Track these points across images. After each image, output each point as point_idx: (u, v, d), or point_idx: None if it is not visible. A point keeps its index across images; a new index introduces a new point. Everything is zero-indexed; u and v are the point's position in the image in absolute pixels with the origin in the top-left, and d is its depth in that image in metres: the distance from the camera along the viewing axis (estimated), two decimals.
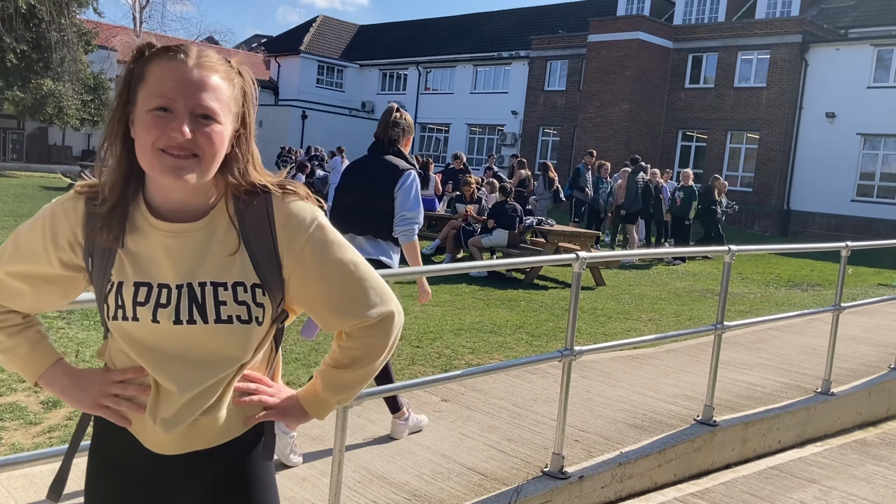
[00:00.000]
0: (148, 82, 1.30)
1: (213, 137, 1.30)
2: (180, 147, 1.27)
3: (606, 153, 27.14)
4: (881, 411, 6.06)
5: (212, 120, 1.30)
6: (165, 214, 1.37)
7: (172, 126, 1.27)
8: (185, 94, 1.28)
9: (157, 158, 1.28)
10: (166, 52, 1.31)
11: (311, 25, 46.08)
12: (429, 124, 39.61)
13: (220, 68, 1.33)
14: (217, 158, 1.33)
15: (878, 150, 24.88)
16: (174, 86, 1.28)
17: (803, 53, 25.90)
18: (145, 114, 1.29)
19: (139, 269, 1.37)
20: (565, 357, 3.70)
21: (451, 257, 11.38)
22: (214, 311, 1.36)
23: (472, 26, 41.51)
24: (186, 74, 1.29)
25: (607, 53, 28.68)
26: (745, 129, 27.37)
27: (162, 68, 1.29)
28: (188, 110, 1.28)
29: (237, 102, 1.36)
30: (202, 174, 1.32)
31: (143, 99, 1.30)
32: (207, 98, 1.29)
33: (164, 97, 1.28)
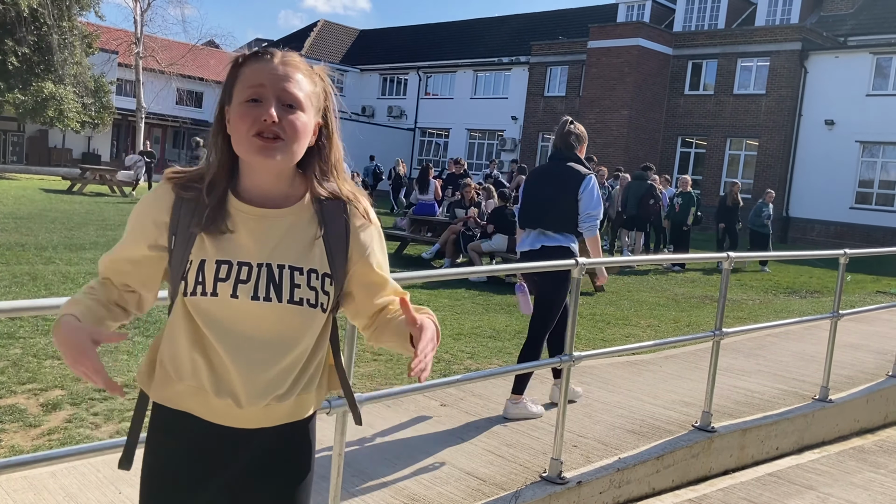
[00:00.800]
0: (241, 80, 1.49)
1: (296, 124, 1.47)
2: (269, 129, 1.45)
3: (606, 159, 27.16)
4: (879, 418, 6.07)
5: (296, 109, 1.47)
6: (253, 200, 1.53)
7: (262, 111, 1.44)
8: (273, 84, 1.47)
9: (250, 143, 1.46)
10: (255, 55, 1.51)
11: (311, 30, 46.20)
12: (429, 129, 39.68)
13: (302, 67, 1.52)
14: (301, 144, 1.50)
15: (876, 157, 24.94)
16: (263, 78, 1.47)
17: (803, 61, 25.98)
18: (239, 106, 1.47)
19: (221, 248, 1.50)
20: (564, 363, 3.71)
21: (450, 262, 11.40)
22: (289, 292, 1.51)
23: (473, 32, 41.60)
24: (274, 69, 1.48)
25: (607, 60, 28.75)
26: (744, 136, 27.44)
27: (252, 67, 1.49)
28: (275, 97, 1.46)
29: (319, 98, 1.54)
30: (288, 155, 1.48)
31: (237, 94, 1.49)
32: (292, 87, 1.48)
33: (254, 87, 1.46)
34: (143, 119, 28.66)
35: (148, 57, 28.61)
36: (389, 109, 40.89)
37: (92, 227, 12.75)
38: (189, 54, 29.76)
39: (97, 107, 27.29)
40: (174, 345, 1.54)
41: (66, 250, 9.95)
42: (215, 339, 1.50)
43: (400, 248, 12.98)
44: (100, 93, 27.61)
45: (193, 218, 1.50)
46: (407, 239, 13.03)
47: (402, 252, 12.90)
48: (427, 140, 39.90)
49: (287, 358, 1.53)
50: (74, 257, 9.43)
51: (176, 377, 1.53)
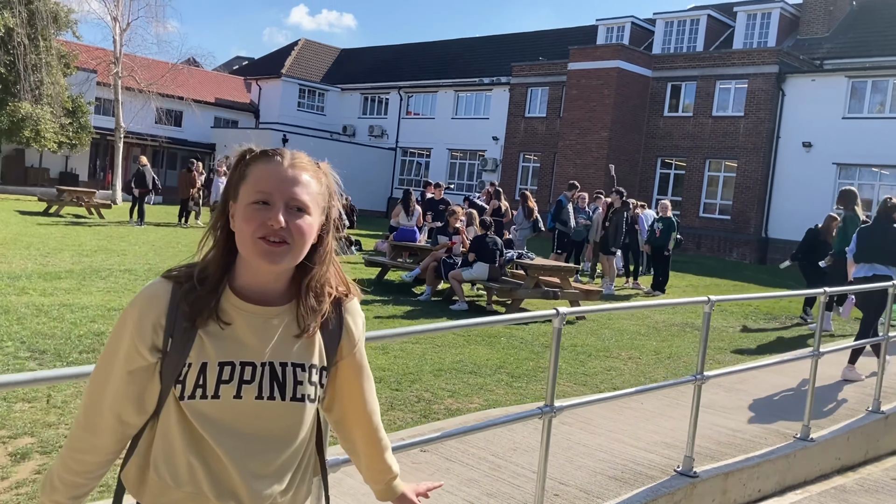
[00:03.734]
0: (249, 180, 1.49)
1: (303, 227, 1.49)
2: (275, 233, 1.45)
3: (587, 180, 27.31)
4: (860, 455, 6.07)
5: (303, 212, 1.49)
6: (251, 297, 1.53)
7: (270, 216, 1.45)
8: (281, 189, 1.47)
9: (255, 245, 1.46)
10: (265, 155, 1.52)
11: (292, 49, 46.21)
12: (410, 149, 39.71)
13: (310, 168, 1.53)
14: (306, 246, 1.51)
15: (853, 179, 25.21)
16: (272, 181, 1.48)
17: (780, 83, 26.30)
18: (246, 207, 1.47)
19: (222, 348, 1.49)
20: (545, 414, 3.66)
21: (430, 289, 11.34)
22: (292, 389, 1.53)
23: (454, 52, 41.80)
24: (282, 172, 1.49)
25: (587, 81, 28.96)
26: (723, 158, 27.68)
27: (261, 168, 1.50)
28: (283, 202, 1.47)
29: (324, 198, 1.55)
30: (293, 259, 1.50)
31: (244, 194, 1.48)
32: (300, 192, 1.49)
33: (263, 192, 1.47)
34: (122, 139, 28.44)
35: (127, 76, 28.44)
36: (370, 129, 40.90)
37: (68, 253, 12.58)
38: (169, 73, 29.61)
39: (75, 127, 27.06)
40: (168, 449, 1.50)
41: (40, 279, 9.78)
42: (214, 441, 1.48)
43: (381, 274, 12.90)
44: (78, 113, 27.38)
45: (191, 315, 1.48)
46: (387, 265, 12.95)
47: (383, 278, 12.83)
48: (408, 160, 39.92)
49: (286, 453, 1.55)
50: (49, 287, 9.27)
51: (173, 483, 1.49)
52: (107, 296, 9.08)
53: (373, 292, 11.37)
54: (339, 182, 1.63)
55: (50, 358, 6.06)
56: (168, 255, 13.61)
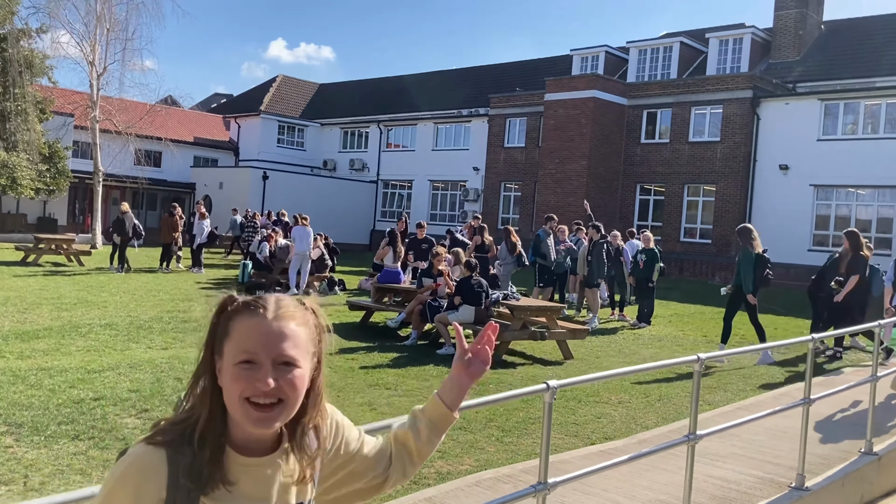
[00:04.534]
0: (233, 338, 1.43)
1: (295, 383, 1.43)
2: (266, 395, 1.40)
3: (568, 208, 27.44)
4: (855, 499, 6.02)
5: (293, 366, 1.43)
6: (249, 450, 1.48)
7: (258, 377, 1.39)
8: (268, 347, 1.41)
9: (244, 409, 1.40)
10: (247, 306, 1.45)
11: (270, 85, 46.34)
12: (391, 181, 39.78)
13: (296, 315, 1.47)
14: (299, 399, 1.47)
15: (830, 200, 25.51)
16: (256, 340, 1.41)
17: (754, 108, 26.64)
18: (232, 367, 1.41)
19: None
20: (539, 492, 3.58)
21: (416, 333, 11.25)
22: None
23: (432, 84, 42.09)
24: (267, 328, 1.43)
25: (564, 111, 29.20)
26: (701, 182, 27.92)
27: (244, 324, 1.43)
28: (271, 360, 1.41)
29: (314, 342, 1.50)
30: (286, 417, 1.46)
31: (229, 353, 1.42)
32: (287, 347, 1.43)
33: (249, 352, 1.41)
34: (101, 182, 28.27)
35: (105, 120, 28.34)
36: (351, 162, 40.96)
37: (46, 308, 12.38)
38: (147, 115, 29.55)
39: (52, 172, 26.88)
40: None
41: (17, 340, 9.59)
42: None
43: (365, 317, 12.80)
44: (55, 158, 27.22)
45: (191, 481, 1.40)
46: (372, 308, 12.85)
47: (368, 321, 12.73)
48: (390, 192, 39.96)
49: None
50: (27, 349, 9.09)
51: None
52: (87, 355, 8.92)
53: (357, 338, 11.26)
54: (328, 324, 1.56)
55: (27, 432, 5.90)
56: (149, 305, 13.44)
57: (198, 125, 42.71)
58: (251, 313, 1.44)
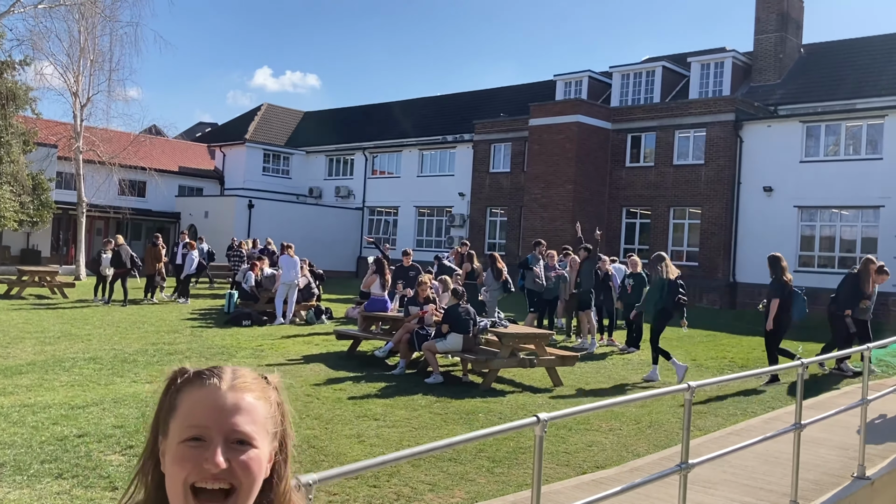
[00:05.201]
0: (179, 412, 1.22)
1: (250, 465, 1.20)
2: (214, 478, 1.17)
3: (554, 233, 27.50)
4: None
5: (248, 445, 1.20)
6: None
7: (206, 456, 1.17)
8: (219, 421, 1.19)
9: (187, 500, 1.17)
10: (199, 377, 1.25)
11: (255, 114, 46.41)
12: (377, 207, 39.78)
13: (255, 387, 1.25)
14: (255, 487, 1.22)
15: (814, 221, 25.69)
16: (206, 413, 1.20)
17: (737, 130, 26.88)
18: (177, 446, 1.19)
19: None
20: None
21: (404, 362, 11.17)
22: None
23: (417, 111, 42.29)
24: (219, 399, 1.21)
25: (549, 136, 29.36)
26: (686, 205, 28.08)
27: (193, 396, 1.22)
28: (222, 437, 1.19)
29: (275, 422, 1.27)
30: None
31: (174, 431, 1.21)
32: (242, 422, 1.20)
33: (196, 426, 1.19)
34: (85, 213, 28.12)
35: (88, 150, 28.25)
36: (337, 190, 40.97)
37: (30, 342, 12.22)
38: (131, 145, 29.48)
39: (36, 204, 26.71)
40: None
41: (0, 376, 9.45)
42: None
43: (352, 346, 12.71)
44: (38, 190, 27.07)
45: None
46: (359, 338, 12.77)
47: (355, 350, 12.63)
48: (376, 218, 39.95)
49: None
50: (9, 385, 8.95)
51: None
52: (71, 391, 8.78)
53: (345, 368, 11.17)
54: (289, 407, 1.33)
55: (9, 472, 5.78)
56: (134, 338, 13.30)
57: (182, 154, 42.64)
58: (202, 384, 1.24)
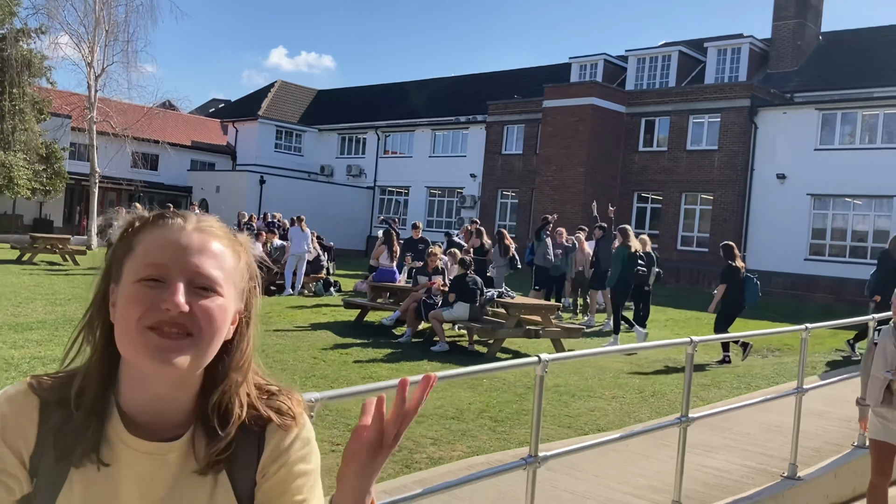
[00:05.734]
0: (136, 252, 1.08)
1: (213, 312, 1.06)
2: (172, 323, 1.03)
3: (564, 216, 27.41)
4: (847, 492, 6.00)
5: (212, 292, 1.07)
6: (139, 424, 1.10)
7: (164, 297, 1.03)
8: (182, 260, 1.06)
9: (140, 338, 1.03)
10: (159, 218, 1.11)
11: (268, 91, 46.38)
12: (388, 187, 39.79)
13: (223, 235, 1.13)
14: (217, 340, 1.08)
15: (827, 210, 25.55)
16: (168, 251, 1.06)
17: (752, 117, 26.70)
18: (131, 286, 1.05)
19: (93, 501, 1.07)
20: (530, 465, 3.57)
21: (411, 331, 11.23)
22: None
23: (430, 91, 42.15)
24: (184, 238, 1.08)
25: (562, 118, 29.25)
26: (698, 191, 27.96)
27: (154, 235, 1.09)
28: (185, 278, 1.05)
29: (242, 277, 1.14)
30: (197, 359, 1.06)
31: (129, 272, 1.07)
32: (208, 265, 1.07)
33: (156, 265, 1.05)
34: (97, 184, 28.26)
35: (102, 121, 28.35)
36: (348, 168, 40.98)
37: (40, 303, 12.34)
38: (144, 118, 29.56)
39: (49, 173, 26.88)
40: None
41: (10, 331, 9.56)
42: None
43: (360, 315, 12.77)
44: (52, 159, 27.22)
45: (58, 447, 1.07)
46: (367, 307, 12.83)
47: (363, 320, 12.70)
48: (387, 198, 39.97)
49: None
50: (20, 339, 9.06)
51: None
52: None
53: (352, 335, 11.24)
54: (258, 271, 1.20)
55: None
56: None
57: (195, 129, 42.75)
58: (164, 223, 1.10)
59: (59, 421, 1.07)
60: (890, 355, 4.60)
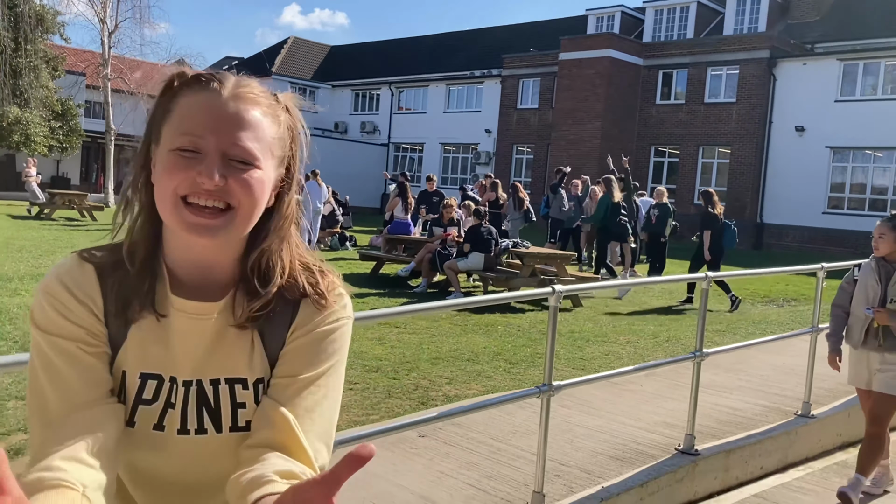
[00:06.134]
0: (173, 117, 1.07)
1: (250, 185, 1.06)
2: (208, 194, 1.04)
3: (580, 170, 27.17)
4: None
5: (250, 165, 1.06)
6: (184, 283, 1.12)
7: (199, 170, 1.03)
8: (217, 132, 1.05)
9: (176, 210, 1.04)
10: (198, 80, 1.08)
11: (282, 47, 46.04)
12: (402, 144, 39.62)
13: (262, 101, 1.10)
14: (256, 211, 1.09)
15: (846, 162, 25.24)
16: (204, 121, 1.05)
17: (771, 69, 26.27)
18: (168, 154, 1.05)
19: (148, 354, 1.10)
20: (543, 393, 3.61)
21: (426, 281, 11.28)
22: (231, 417, 1.12)
23: (444, 46, 41.68)
24: (220, 108, 1.06)
25: (578, 71, 28.90)
26: (716, 144, 27.66)
27: (191, 100, 1.07)
28: (220, 152, 1.04)
29: (282, 145, 1.12)
30: (234, 230, 1.07)
31: (167, 137, 1.07)
32: (245, 137, 1.06)
33: (191, 134, 1.04)
34: (113, 141, 28.31)
35: (116, 78, 28.30)
36: (362, 125, 40.81)
37: (60, 255, 12.49)
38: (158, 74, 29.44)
39: (65, 130, 26.94)
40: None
41: (32, 281, 9.71)
42: (136, 492, 1.13)
43: (375, 267, 12.84)
44: (67, 116, 27.27)
45: (117, 304, 1.09)
46: (382, 259, 12.89)
47: (378, 272, 12.77)
48: (401, 155, 39.84)
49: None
50: None
51: None
52: None
53: (368, 286, 11.31)
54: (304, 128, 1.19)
55: None
56: None
57: None
58: (202, 88, 1.08)
59: (116, 281, 1.10)
60: (871, 292, 4.36)
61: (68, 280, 1.09)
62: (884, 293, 4.32)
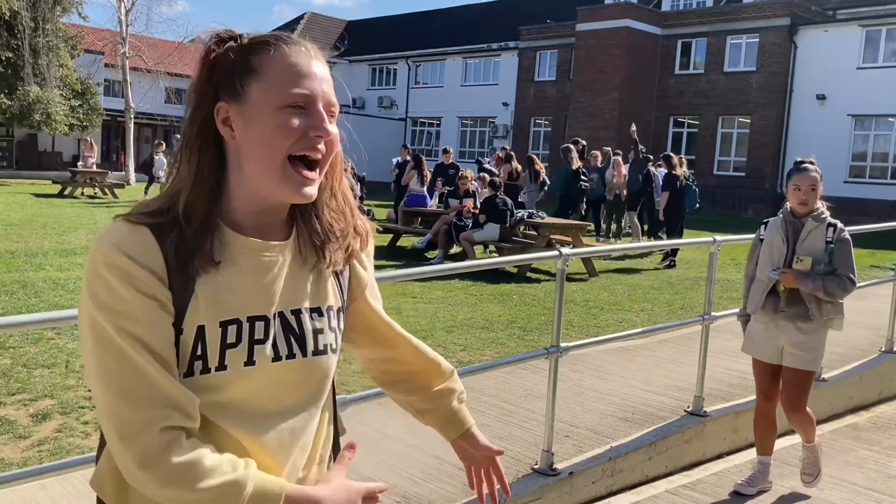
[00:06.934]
0: (271, 75, 1.11)
1: (336, 138, 1.18)
2: (316, 150, 1.13)
3: (598, 142, 27.08)
4: (873, 395, 6.07)
5: (334, 118, 1.17)
6: (247, 230, 1.17)
7: (313, 125, 1.12)
8: (321, 88, 1.14)
9: (284, 170, 1.12)
10: (279, 40, 1.14)
11: (298, 22, 45.97)
12: (420, 118, 39.57)
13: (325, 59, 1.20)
14: (333, 162, 1.22)
15: (869, 130, 24.92)
16: (309, 80, 1.13)
17: (792, 36, 25.91)
18: (274, 112, 1.10)
19: (220, 303, 1.13)
20: (552, 354, 3.70)
21: (443, 253, 11.37)
22: (313, 342, 1.21)
23: (461, 19, 41.43)
24: (314, 65, 1.15)
25: (596, 42, 28.66)
26: (736, 114, 27.40)
27: (284, 60, 1.12)
28: (323, 107, 1.14)
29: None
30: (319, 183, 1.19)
31: (264, 94, 1.11)
32: (332, 92, 1.16)
33: (302, 93, 1.11)
34: (133, 119, 28.53)
35: (134, 56, 28.45)
36: (380, 100, 40.77)
37: (83, 231, 12.71)
38: (176, 52, 29.58)
39: (85, 109, 27.16)
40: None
41: (56, 256, 9.91)
42: (230, 426, 1.14)
43: (393, 240, 12.95)
44: (87, 94, 27.48)
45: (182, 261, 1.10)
46: (399, 231, 12.99)
47: (396, 244, 12.88)
48: (419, 129, 39.80)
49: (311, 425, 1.24)
50: (65, 263, 9.40)
51: None
52: None
53: (385, 257, 11.43)
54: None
55: (68, 329, 6.16)
56: None
57: None
58: (291, 48, 1.14)
59: (173, 240, 1.10)
60: (777, 252, 3.81)
61: (128, 247, 1.08)
62: (791, 252, 3.80)
